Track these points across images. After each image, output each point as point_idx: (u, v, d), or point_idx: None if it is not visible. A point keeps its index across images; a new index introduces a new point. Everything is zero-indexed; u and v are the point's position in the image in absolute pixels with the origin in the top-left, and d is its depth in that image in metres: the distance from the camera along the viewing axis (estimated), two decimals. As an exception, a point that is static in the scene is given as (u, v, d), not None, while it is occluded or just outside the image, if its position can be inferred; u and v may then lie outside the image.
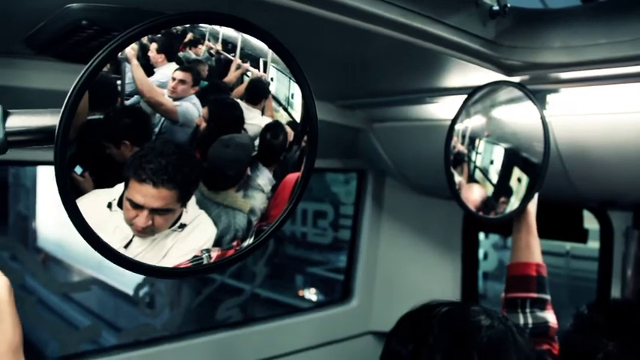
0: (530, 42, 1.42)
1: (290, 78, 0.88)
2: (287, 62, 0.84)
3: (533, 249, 1.48)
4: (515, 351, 1.04)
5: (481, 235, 3.01)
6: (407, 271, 2.74)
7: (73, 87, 0.63)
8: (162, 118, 0.84)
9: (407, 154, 2.37)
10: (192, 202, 0.86)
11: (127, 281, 6.40)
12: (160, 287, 3.07)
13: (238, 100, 0.87)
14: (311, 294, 6.27)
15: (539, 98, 1.55)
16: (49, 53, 1.31)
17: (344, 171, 2.94)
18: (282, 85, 0.90)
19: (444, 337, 1.03)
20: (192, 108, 0.86)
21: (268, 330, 2.42)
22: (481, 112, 1.66)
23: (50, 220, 8.22)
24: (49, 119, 0.66)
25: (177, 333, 2.55)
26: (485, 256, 4.85)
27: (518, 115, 1.63)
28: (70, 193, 0.67)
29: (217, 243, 0.88)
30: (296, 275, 5.49)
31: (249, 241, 0.89)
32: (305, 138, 0.91)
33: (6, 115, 0.65)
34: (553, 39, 1.41)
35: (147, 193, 0.81)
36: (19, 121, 0.67)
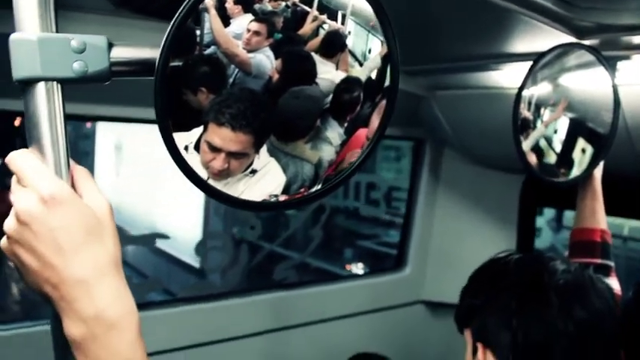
0: (606, 2, 1.38)
1: (369, 32, 0.89)
2: (375, 11, 0.84)
3: (598, 215, 1.46)
4: (596, 296, 1.00)
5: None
6: (461, 243, 2.73)
7: (172, 22, 0.66)
8: (237, 70, 0.86)
9: (468, 124, 2.35)
10: (263, 150, 0.89)
11: (180, 247, 6.58)
12: (214, 255, 3.15)
13: (312, 53, 0.88)
14: (358, 269, 6.32)
15: (609, 65, 1.52)
16: (127, 7, 1.35)
17: (402, 139, 2.93)
18: (360, 40, 0.90)
19: (519, 281, 1.01)
20: (266, 60, 0.88)
21: (322, 293, 2.47)
22: (548, 79, 1.64)
23: (107, 186, 8.48)
24: (149, 52, 0.70)
25: (234, 290, 2.62)
26: (539, 233, 4.76)
27: (586, 83, 1.60)
28: (168, 125, 0.70)
29: (285, 190, 0.90)
30: (345, 247, 5.52)
31: (316, 188, 0.92)
32: (380, 95, 0.92)
33: (110, 46, 0.69)
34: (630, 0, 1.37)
35: (225, 137, 0.84)
36: (122, 52, 0.71)
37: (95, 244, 0.64)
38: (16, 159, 0.65)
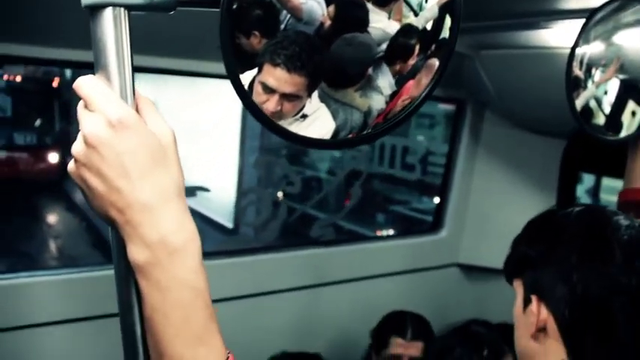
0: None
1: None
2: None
3: None
4: None
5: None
6: (498, 207, 2.71)
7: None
8: (288, 15, 0.86)
9: (513, 85, 2.30)
10: (314, 95, 0.89)
11: (213, 207, 6.67)
12: (248, 213, 3.18)
13: (365, 1, 0.87)
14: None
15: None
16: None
17: (443, 100, 2.90)
18: (416, -12, 0.88)
19: (581, 233, 0.96)
20: (317, 7, 0.87)
21: (359, 251, 2.49)
22: (601, 38, 1.59)
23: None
24: None
25: (272, 245, 2.65)
26: (577, 201, 4.68)
27: (641, 42, 1.55)
28: (233, 59, 0.71)
29: (334, 136, 0.91)
30: (377, 212, 5.52)
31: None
32: (434, 48, 0.90)
33: None
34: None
35: (280, 77, 0.84)
36: None
37: (161, 169, 0.65)
38: (84, 84, 0.66)
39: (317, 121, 0.90)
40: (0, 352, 1.82)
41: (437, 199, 2.82)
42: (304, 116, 0.89)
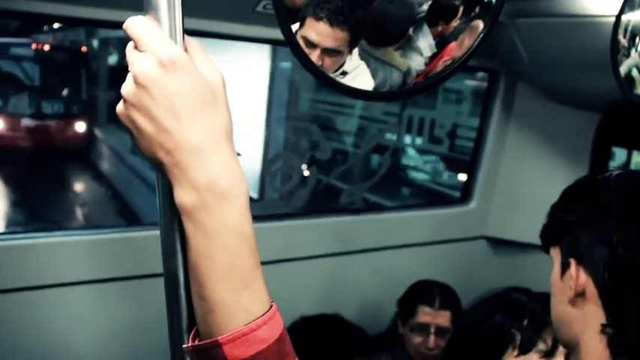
0: None
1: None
2: None
3: None
4: None
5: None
6: (528, 181, 2.68)
7: None
8: None
9: (550, 55, 2.25)
10: (355, 52, 0.88)
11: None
12: (275, 181, 3.18)
13: None
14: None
15: None
16: None
17: (476, 70, 2.85)
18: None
19: (620, 196, 0.94)
20: None
21: (385, 220, 2.48)
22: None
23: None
24: None
25: (302, 211, 2.66)
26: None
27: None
28: (286, 17, 0.70)
29: (374, 92, 0.90)
30: (403, 185, 5.49)
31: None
32: (478, 8, 0.89)
33: None
34: None
35: (322, 32, 0.83)
36: None
37: (211, 112, 0.65)
38: (134, 24, 0.65)
39: (357, 78, 0.90)
40: (26, 310, 1.85)
41: (462, 176, 2.79)
42: (344, 73, 0.89)
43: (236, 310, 0.65)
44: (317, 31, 0.84)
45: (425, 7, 0.88)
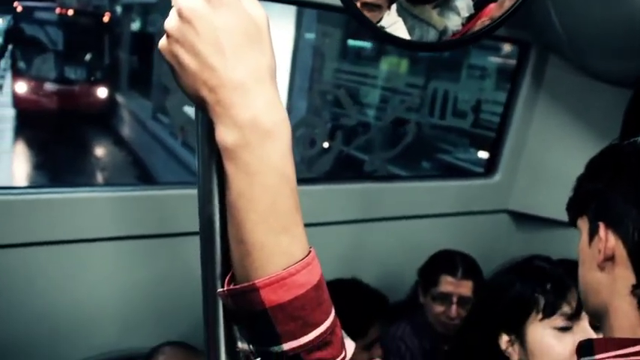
0: None
1: None
2: None
3: None
4: None
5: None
6: (556, 155, 2.63)
7: None
8: None
9: (586, 28, 2.18)
10: (393, 8, 0.87)
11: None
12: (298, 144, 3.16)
13: None
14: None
15: None
16: None
17: (507, 41, 2.80)
18: None
19: None
20: None
21: (408, 189, 2.46)
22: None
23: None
24: None
25: (325, 177, 2.65)
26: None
27: None
28: None
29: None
30: (424, 159, 5.44)
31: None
32: None
33: None
34: None
35: (361, -16, 0.82)
36: None
37: (256, 49, 0.63)
38: None
39: (394, 34, 0.88)
40: (49, 264, 1.87)
41: (481, 153, 2.76)
42: (382, 28, 0.87)
43: (275, 252, 0.65)
44: (356, -16, 0.82)
45: (466, -34, 0.87)
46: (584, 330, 1.24)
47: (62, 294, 1.90)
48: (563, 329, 1.24)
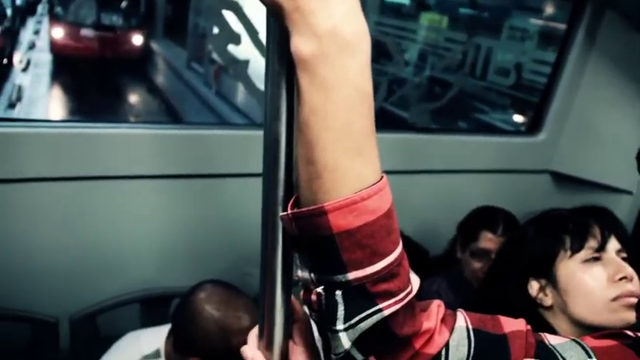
0: None
1: None
2: None
3: None
4: None
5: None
6: (604, 117, 2.54)
7: None
8: None
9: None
10: None
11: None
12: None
13: None
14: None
15: None
16: None
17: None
18: None
19: None
20: None
21: (452, 143, 2.41)
22: None
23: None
24: None
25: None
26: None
27: None
28: None
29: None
30: (460, 119, 5.30)
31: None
32: None
33: None
34: None
35: None
36: None
37: None
38: None
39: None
40: (89, 198, 1.88)
41: (515, 116, 2.66)
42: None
43: (347, 174, 0.61)
44: None
45: None
46: (612, 260, 1.22)
47: (105, 229, 1.92)
48: (593, 260, 1.22)
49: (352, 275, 0.63)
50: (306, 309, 0.80)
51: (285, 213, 0.66)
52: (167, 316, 2.02)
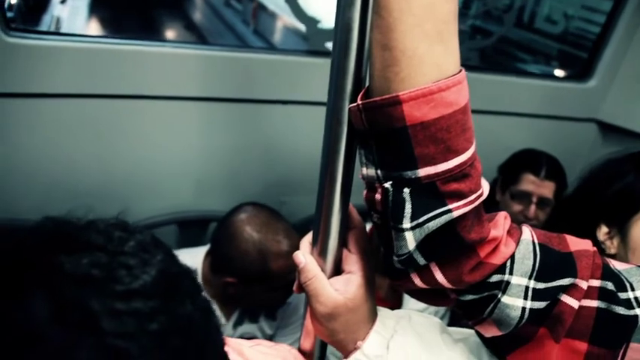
0: None
1: None
2: None
3: None
4: None
5: None
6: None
7: None
8: None
9: None
10: None
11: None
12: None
13: None
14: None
15: None
16: None
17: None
18: None
19: None
20: None
21: (497, 83, 2.33)
22: None
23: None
24: None
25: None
26: None
27: None
28: None
29: None
30: (507, 62, 5.12)
31: None
32: None
33: None
34: None
35: None
36: None
37: None
38: None
39: None
40: (128, 116, 1.87)
41: (556, 71, 2.54)
42: None
43: (426, 62, 0.58)
44: None
45: None
46: None
47: (145, 150, 1.92)
48: None
49: (423, 172, 0.60)
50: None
51: (354, 104, 0.63)
52: (203, 239, 2.04)
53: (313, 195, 0.76)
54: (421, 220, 0.61)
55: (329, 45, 2.34)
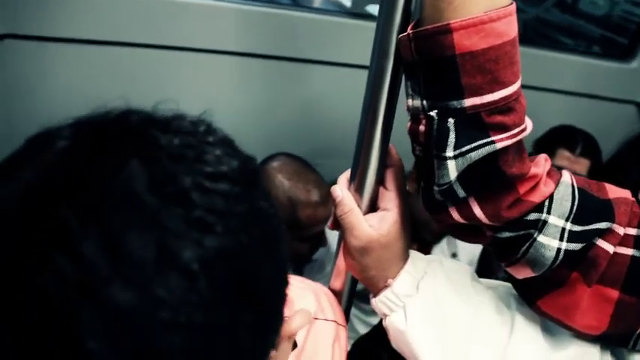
0: None
1: None
2: None
3: None
4: None
5: None
6: None
7: None
8: None
9: None
10: None
11: None
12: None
13: None
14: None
15: None
16: None
17: None
18: None
19: None
20: None
21: (535, 56, 2.28)
22: None
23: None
24: None
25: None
26: None
27: None
28: None
29: None
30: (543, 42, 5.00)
31: None
32: None
33: None
34: None
35: None
36: None
37: None
38: None
39: None
40: (167, 69, 1.88)
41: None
42: None
43: None
44: None
45: None
46: None
47: (181, 100, 1.93)
48: None
49: (469, 102, 0.61)
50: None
51: (404, 34, 0.64)
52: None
53: (348, 159, 0.77)
54: (464, 149, 0.62)
55: (370, 8, 2.32)
